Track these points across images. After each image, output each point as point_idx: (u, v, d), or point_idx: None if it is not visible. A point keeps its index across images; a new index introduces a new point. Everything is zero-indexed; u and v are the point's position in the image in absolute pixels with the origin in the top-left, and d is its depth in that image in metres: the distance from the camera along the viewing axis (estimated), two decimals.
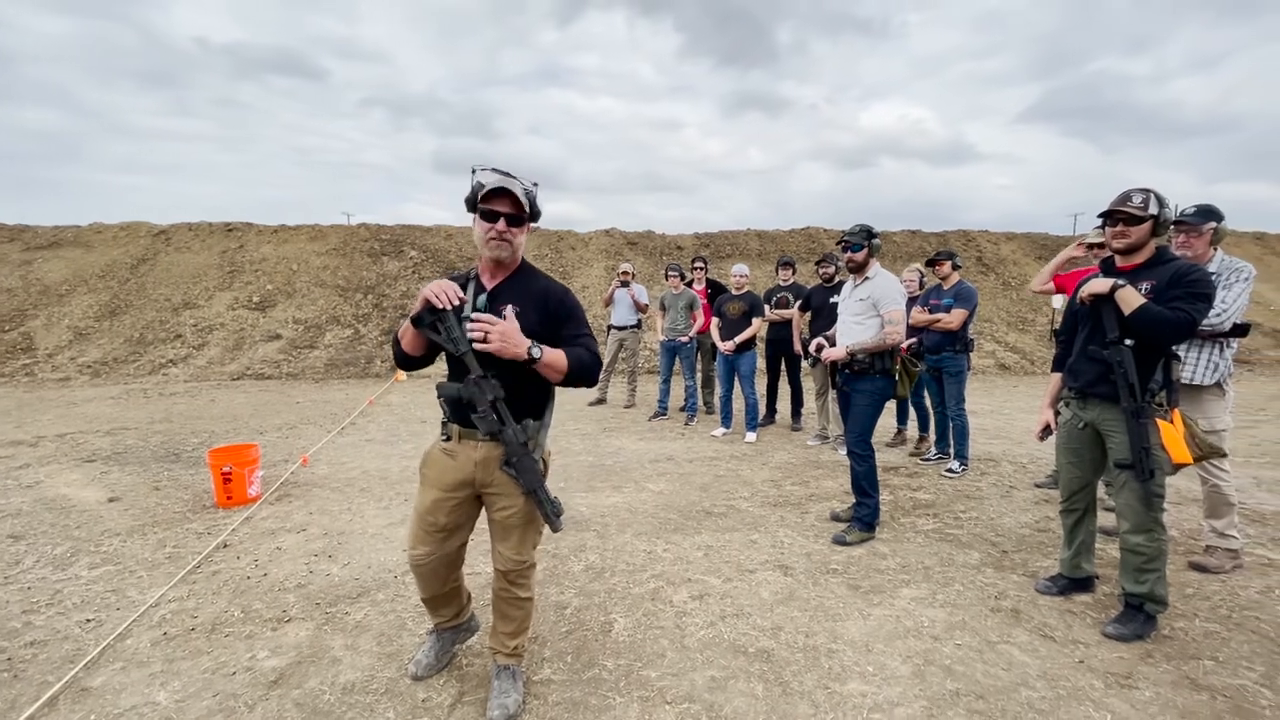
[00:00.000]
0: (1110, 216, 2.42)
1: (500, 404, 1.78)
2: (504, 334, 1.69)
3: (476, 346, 1.72)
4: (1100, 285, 2.38)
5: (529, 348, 1.71)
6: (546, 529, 1.98)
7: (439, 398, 1.88)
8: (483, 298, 1.86)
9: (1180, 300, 2.24)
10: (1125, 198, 2.39)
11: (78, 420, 6.67)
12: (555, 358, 1.77)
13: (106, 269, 12.56)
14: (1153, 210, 2.35)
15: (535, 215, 1.90)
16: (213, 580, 2.95)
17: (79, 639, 2.44)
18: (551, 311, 1.88)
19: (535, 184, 1.88)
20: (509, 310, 1.79)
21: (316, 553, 3.26)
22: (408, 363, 1.93)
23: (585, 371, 1.84)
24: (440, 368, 1.95)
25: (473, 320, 1.71)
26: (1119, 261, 2.50)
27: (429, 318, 1.76)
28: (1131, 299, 2.29)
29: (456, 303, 1.74)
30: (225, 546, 3.34)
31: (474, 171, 1.86)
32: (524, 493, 1.87)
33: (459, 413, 1.88)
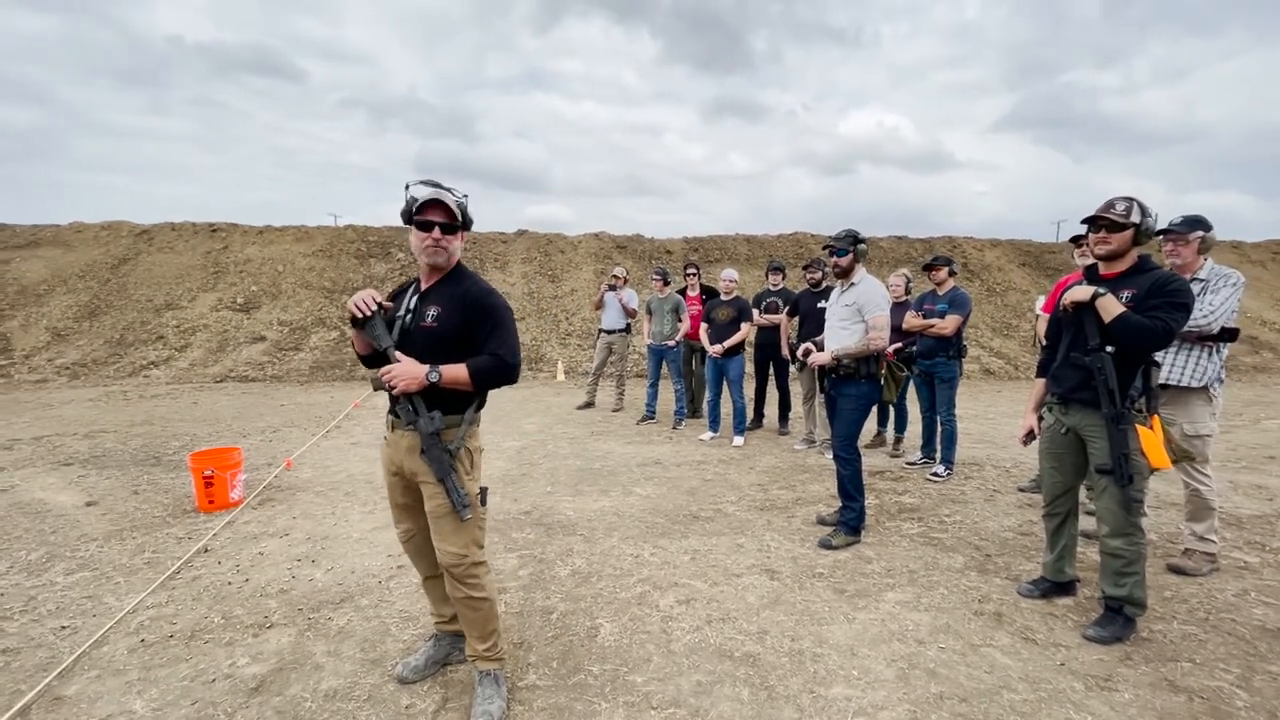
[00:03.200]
0: (1093, 223, 2.46)
1: (414, 395, 1.90)
2: (401, 374, 1.86)
3: (391, 393, 1.90)
4: (1082, 293, 2.41)
5: (426, 374, 1.87)
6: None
7: (374, 390, 2.01)
8: (415, 299, 2.02)
9: (1159, 310, 2.28)
10: (1109, 205, 2.43)
11: (55, 423, 6.55)
12: (455, 374, 1.90)
13: (87, 269, 12.36)
14: (1135, 218, 2.38)
15: (467, 224, 2.03)
16: (193, 586, 2.90)
17: (53, 646, 2.39)
18: (470, 313, 1.98)
19: (465, 195, 2.03)
20: (431, 314, 1.97)
21: (299, 557, 3.22)
22: (364, 361, 2.10)
23: (489, 377, 1.94)
24: None
25: (380, 374, 1.89)
26: (1102, 269, 2.54)
27: (358, 319, 1.95)
28: (1111, 307, 2.33)
29: (373, 309, 1.92)
30: (206, 551, 3.29)
31: (408, 187, 2.00)
32: (436, 480, 1.94)
33: (393, 404, 2.02)
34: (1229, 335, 2.86)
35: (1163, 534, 3.54)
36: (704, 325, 5.95)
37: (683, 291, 6.73)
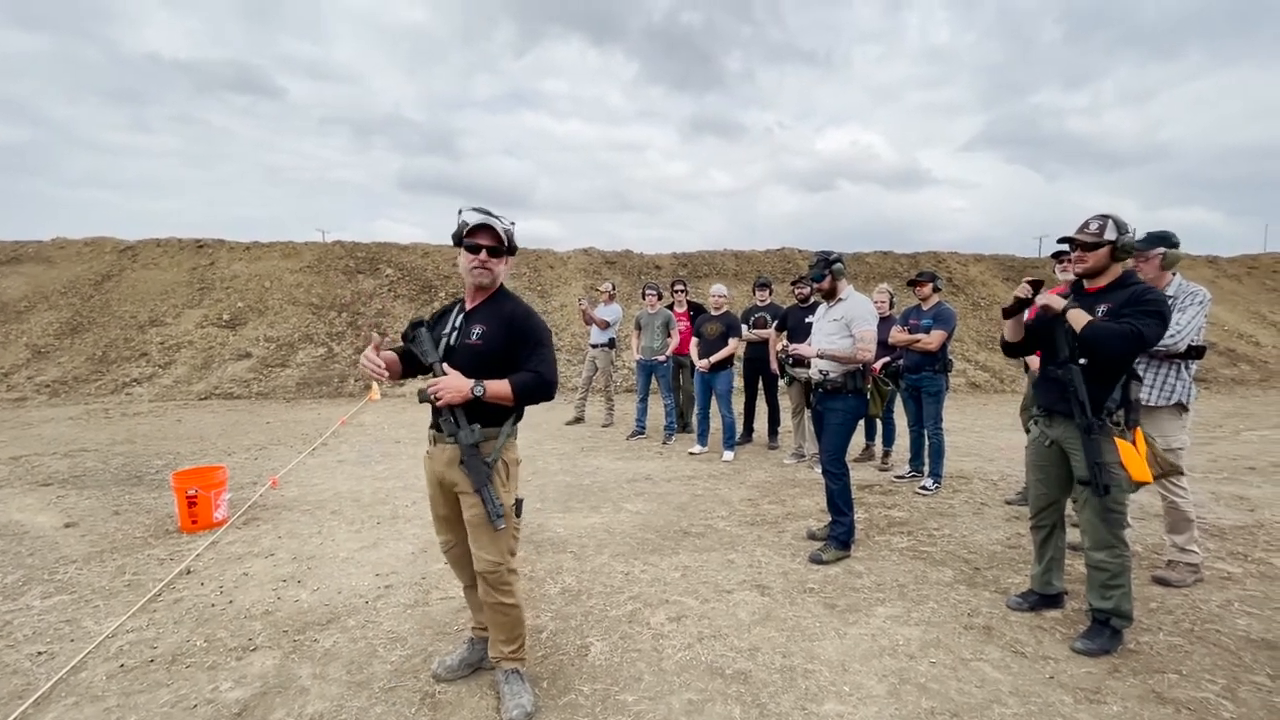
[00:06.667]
0: (1070, 243, 2.52)
1: (456, 408, 1.99)
2: (447, 388, 1.95)
3: (435, 405, 1.98)
4: (1055, 303, 2.46)
5: (471, 388, 1.95)
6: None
7: (419, 403, 2.07)
8: (461, 317, 2.14)
9: (1129, 316, 2.32)
10: (1084, 225, 2.50)
11: (34, 442, 6.42)
12: (499, 389, 1.99)
13: (69, 285, 12.20)
14: (1109, 236, 2.44)
15: (512, 249, 2.17)
16: (174, 608, 2.84)
17: (29, 673, 2.33)
18: (514, 333, 2.10)
19: (513, 223, 2.16)
20: (476, 332, 2.09)
21: (285, 578, 3.17)
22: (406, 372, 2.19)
23: (531, 393, 2.04)
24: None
25: (425, 387, 1.98)
26: (1085, 284, 2.59)
27: (410, 333, 2.06)
28: (1079, 318, 2.38)
29: (373, 368, 2.03)
30: (189, 573, 3.23)
31: (460, 212, 2.11)
32: (474, 490, 2.02)
33: (435, 418, 2.11)
34: (1195, 353, 2.91)
35: (1147, 545, 3.58)
36: (694, 340, 5.99)
37: (670, 307, 6.78)
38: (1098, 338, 2.33)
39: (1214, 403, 9.77)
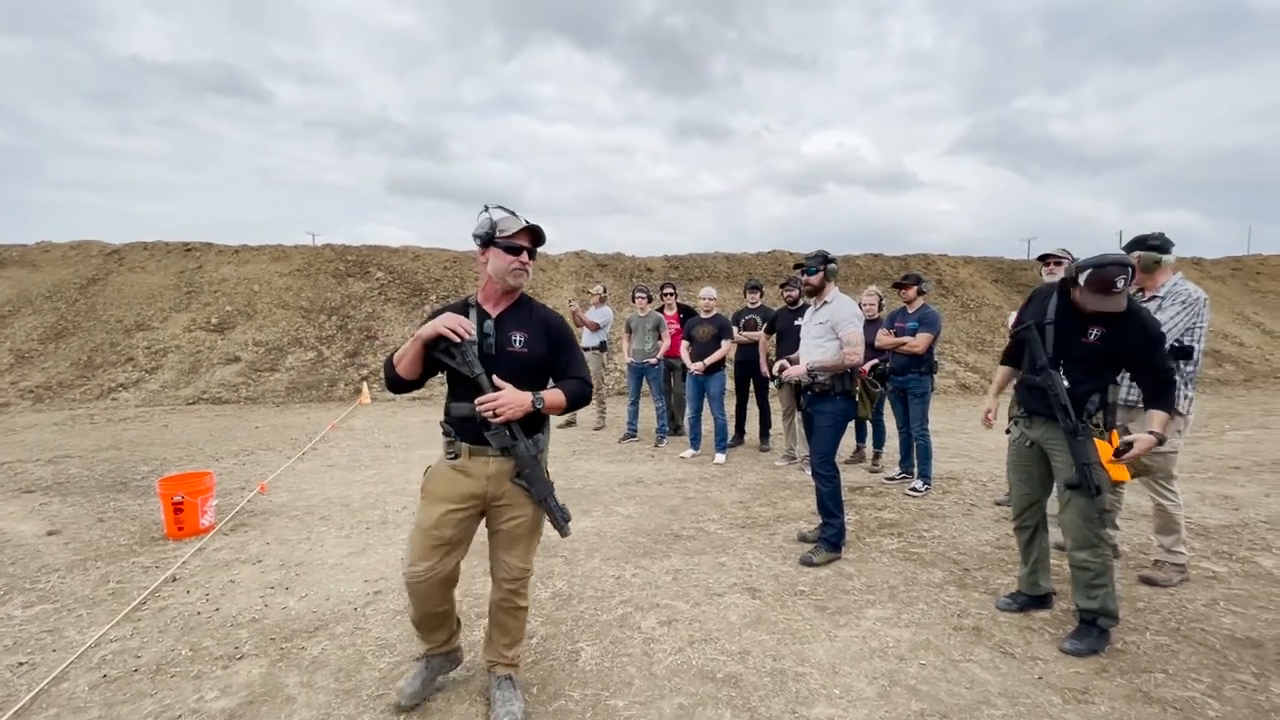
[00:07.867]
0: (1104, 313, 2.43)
1: (513, 422, 1.94)
2: (508, 403, 1.89)
3: (492, 421, 1.89)
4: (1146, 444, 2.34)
5: (532, 401, 1.93)
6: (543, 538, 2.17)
7: (448, 417, 2.02)
8: (489, 323, 2.01)
9: (1153, 367, 2.40)
10: (1109, 284, 2.28)
11: (16, 448, 6.33)
12: (555, 399, 1.99)
13: (53, 289, 12.05)
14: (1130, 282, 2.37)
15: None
16: (159, 617, 2.81)
17: (10, 684, 2.30)
18: (554, 339, 2.08)
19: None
20: (519, 340, 2.01)
21: (272, 585, 3.14)
22: (400, 386, 2.01)
23: (579, 401, 2.06)
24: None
25: (479, 404, 1.89)
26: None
27: (442, 343, 1.92)
28: (1156, 438, 2.36)
29: (471, 336, 1.92)
30: (174, 580, 3.19)
31: (485, 209, 2.03)
32: (535, 502, 2.02)
33: (468, 431, 2.00)
34: (1181, 353, 2.92)
35: (1134, 545, 3.61)
36: (685, 343, 5.99)
37: (660, 310, 6.78)
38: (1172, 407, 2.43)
39: (1200, 403, 9.83)
